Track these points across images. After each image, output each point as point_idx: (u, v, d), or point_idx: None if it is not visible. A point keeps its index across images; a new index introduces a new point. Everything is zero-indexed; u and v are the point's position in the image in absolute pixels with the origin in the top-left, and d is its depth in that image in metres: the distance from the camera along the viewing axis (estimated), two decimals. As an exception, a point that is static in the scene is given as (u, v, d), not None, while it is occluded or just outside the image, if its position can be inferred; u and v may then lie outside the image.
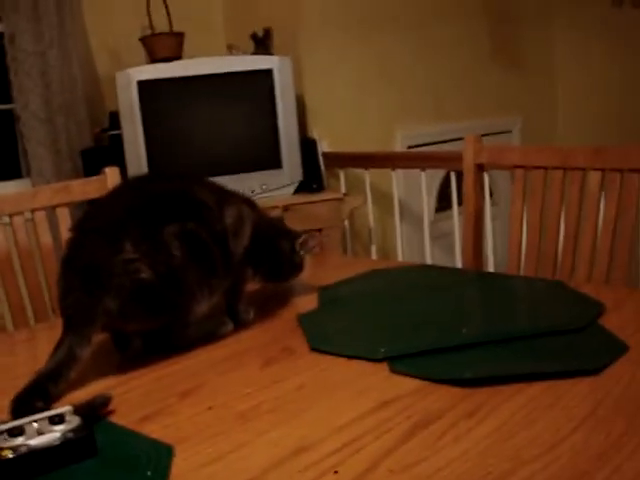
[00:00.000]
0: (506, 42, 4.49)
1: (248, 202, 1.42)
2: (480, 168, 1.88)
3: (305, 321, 1.34)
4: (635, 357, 1.09)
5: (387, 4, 3.76)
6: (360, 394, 1.03)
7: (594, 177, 1.69)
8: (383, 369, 1.11)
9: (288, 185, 3.05)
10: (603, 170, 1.68)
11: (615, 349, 1.11)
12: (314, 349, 1.21)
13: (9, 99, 3.17)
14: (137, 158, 2.88)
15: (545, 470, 0.80)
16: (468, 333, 1.22)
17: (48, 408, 1.00)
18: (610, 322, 1.23)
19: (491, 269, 2.99)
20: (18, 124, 3.15)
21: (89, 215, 1.29)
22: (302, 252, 1.46)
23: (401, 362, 1.11)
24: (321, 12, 3.50)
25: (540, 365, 1.08)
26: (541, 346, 1.16)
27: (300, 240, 1.47)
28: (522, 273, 1.80)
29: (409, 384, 1.05)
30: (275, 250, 1.43)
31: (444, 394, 1.01)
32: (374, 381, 1.08)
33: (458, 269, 1.87)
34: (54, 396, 1.09)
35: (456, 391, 1.01)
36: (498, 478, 0.79)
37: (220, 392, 1.08)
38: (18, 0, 3.00)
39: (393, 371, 1.09)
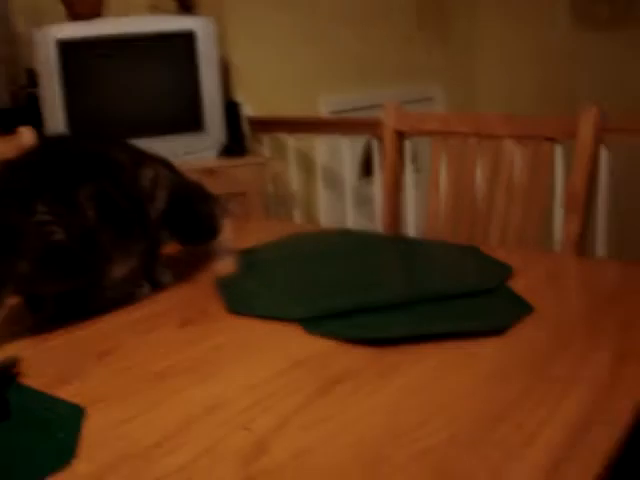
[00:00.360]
0: (432, 13, 4.52)
1: (166, 164, 1.41)
2: (400, 135, 1.91)
3: (223, 284, 1.35)
4: (539, 318, 1.13)
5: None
6: (274, 354, 1.05)
7: (508, 144, 1.74)
8: (298, 330, 1.13)
9: (211, 148, 3.03)
10: (517, 137, 1.73)
11: (521, 310, 1.15)
12: (231, 311, 1.23)
13: None
14: (55, 119, 2.81)
15: (450, 424, 0.83)
16: (384, 295, 1.25)
17: None
18: (518, 284, 1.28)
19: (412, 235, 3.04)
20: None
21: (1, 176, 1.26)
22: (221, 217, 1.47)
23: (315, 323, 1.14)
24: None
25: (452, 325, 1.11)
26: (454, 308, 1.19)
27: (221, 205, 1.47)
28: (440, 238, 1.84)
29: (322, 344, 1.07)
30: (193, 213, 1.43)
31: (356, 354, 1.03)
32: (288, 342, 1.10)
33: (377, 234, 1.90)
34: None
35: (370, 351, 1.04)
36: (406, 432, 0.82)
37: (136, 353, 1.09)
38: None
39: (307, 331, 1.11)
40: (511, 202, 1.73)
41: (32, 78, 2.97)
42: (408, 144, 1.96)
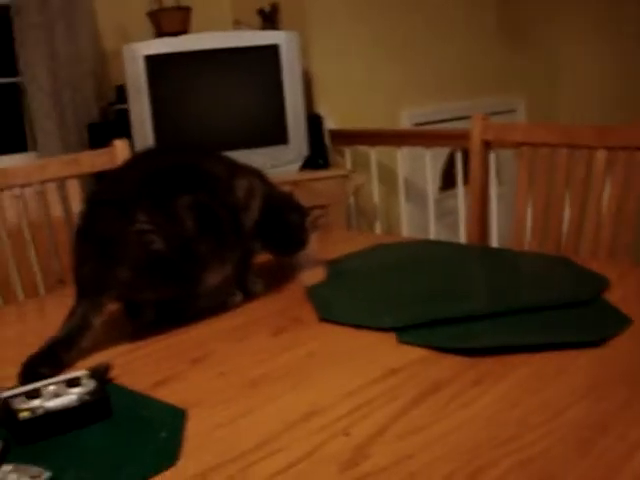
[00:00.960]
0: (511, 21, 4.47)
1: (259, 175, 1.43)
2: (487, 145, 1.89)
3: (313, 293, 1.36)
4: (638, 330, 1.11)
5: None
6: (368, 362, 1.05)
7: (600, 155, 1.70)
8: (390, 339, 1.13)
9: (294, 161, 3.06)
10: (608, 148, 1.70)
11: (618, 322, 1.12)
12: (322, 319, 1.24)
13: (15, 72, 3.18)
14: (143, 133, 2.89)
15: (550, 435, 0.82)
16: (474, 305, 1.24)
17: (54, 374, 1.03)
18: (614, 296, 1.25)
19: (495, 245, 3.00)
20: (24, 97, 3.16)
21: (103, 187, 1.31)
22: (310, 229, 1.48)
23: (408, 332, 1.13)
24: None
25: (545, 336, 1.09)
26: (546, 319, 1.17)
27: (310, 218, 1.48)
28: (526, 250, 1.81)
29: (416, 353, 1.07)
30: (284, 224, 1.45)
31: (450, 363, 1.03)
32: (382, 350, 1.10)
33: (464, 244, 1.89)
34: (65, 362, 1.11)
35: (462, 360, 1.03)
36: (504, 442, 0.81)
37: (231, 359, 1.11)
38: (25, -28, 3.00)
39: (400, 341, 1.11)
40: (603, 213, 1.70)
41: (121, 94, 3.06)
42: (492, 156, 1.94)
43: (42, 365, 1.07)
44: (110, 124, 3.15)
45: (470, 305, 1.24)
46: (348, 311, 1.26)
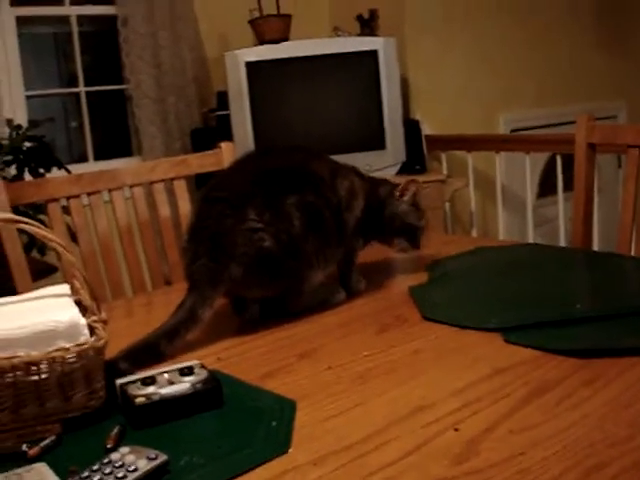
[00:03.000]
0: (611, 26, 4.37)
1: (358, 174, 1.45)
2: (592, 148, 1.85)
3: (416, 292, 1.37)
4: None
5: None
6: (475, 361, 1.05)
7: None
8: (496, 339, 1.12)
9: (391, 166, 3.07)
10: None
11: None
12: (426, 318, 1.24)
13: (120, 80, 3.30)
14: (244, 138, 2.95)
15: (666, 437, 0.80)
16: (582, 308, 1.22)
17: (134, 371, 1.06)
18: None
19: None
20: (129, 104, 3.28)
21: (214, 186, 1.35)
22: (405, 199, 1.46)
23: (514, 333, 1.12)
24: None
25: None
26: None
27: (399, 188, 1.47)
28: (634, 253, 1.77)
29: (523, 354, 1.06)
30: (384, 218, 1.45)
31: (559, 364, 1.02)
32: (488, 350, 1.09)
33: (567, 248, 1.85)
34: (167, 353, 1.15)
35: (572, 361, 1.02)
36: (616, 443, 0.80)
37: (337, 354, 1.12)
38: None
39: (507, 341, 1.10)
40: None
41: (222, 100, 3.14)
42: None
43: (127, 359, 1.10)
44: (212, 130, 3.23)
45: (578, 309, 1.22)
46: (452, 311, 1.25)
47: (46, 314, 1.00)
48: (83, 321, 1.00)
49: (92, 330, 1.02)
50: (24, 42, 3.20)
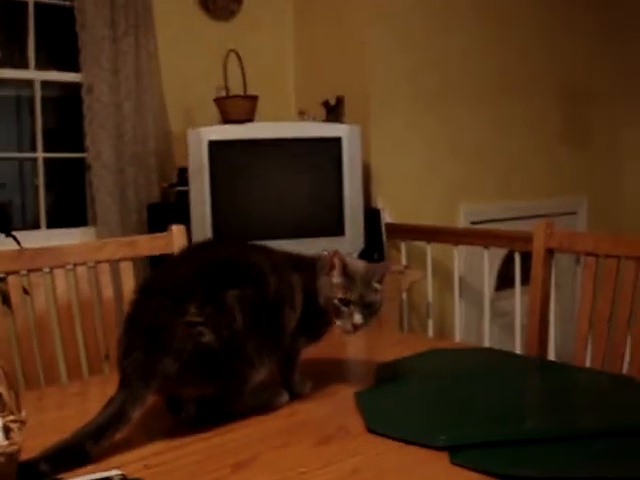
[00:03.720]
0: (576, 121, 4.45)
1: (298, 263, 1.38)
2: (550, 253, 1.83)
3: (362, 399, 1.30)
4: None
5: (457, 80, 3.78)
6: (418, 485, 0.98)
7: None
8: (442, 459, 1.06)
9: (349, 253, 3.03)
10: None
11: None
12: (370, 430, 1.17)
13: (81, 148, 3.25)
14: (202, 216, 2.90)
15: None
16: (533, 426, 1.17)
17: (55, 473, 0.99)
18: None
19: (551, 354, 2.90)
20: (88, 173, 3.22)
21: (154, 277, 1.29)
22: (334, 273, 1.34)
23: (461, 453, 1.06)
24: (391, 83, 3.53)
25: (608, 469, 1.01)
26: (610, 446, 1.09)
27: (326, 264, 1.36)
28: (589, 366, 1.73)
29: (470, 478, 1.00)
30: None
31: (508, 494, 0.95)
32: (432, 471, 1.03)
33: (522, 356, 1.81)
34: (92, 455, 1.06)
35: (521, 491, 0.96)
36: None
37: (273, 468, 1.05)
38: (99, 52, 3.09)
39: (453, 462, 1.04)
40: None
41: (182, 176, 3.10)
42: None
43: (48, 461, 1.02)
44: (170, 205, 3.17)
45: (528, 426, 1.17)
46: (398, 423, 1.19)
47: (-44, 413, 0.92)
48: (-3, 423, 0.92)
49: (8, 431, 0.94)
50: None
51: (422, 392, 1.37)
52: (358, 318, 1.30)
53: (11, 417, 0.96)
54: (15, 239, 2.55)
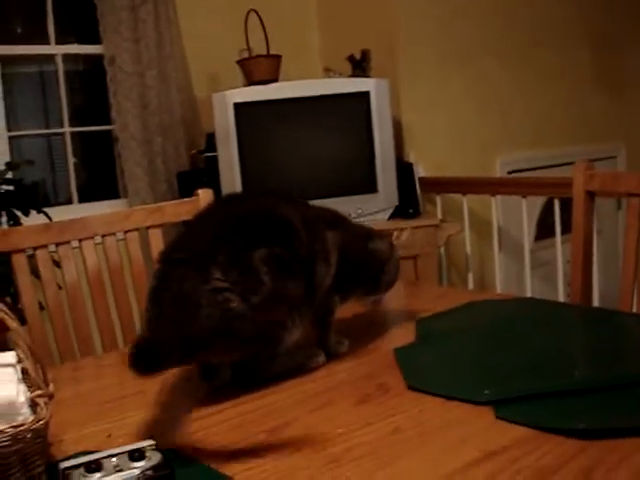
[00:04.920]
0: (608, 68, 4.32)
1: (333, 220, 1.34)
2: (591, 196, 1.76)
3: (402, 356, 1.26)
4: None
5: (487, 31, 3.67)
6: (462, 442, 0.94)
7: None
8: (487, 413, 1.01)
9: (384, 210, 2.98)
10: None
11: None
12: (410, 387, 1.13)
13: (108, 121, 3.22)
14: (232, 180, 2.86)
15: None
16: (581, 376, 1.12)
17: None
18: None
19: (595, 301, 2.83)
20: (116, 145, 3.19)
21: (176, 244, 1.24)
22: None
23: (507, 407, 1.01)
24: (420, 35, 3.44)
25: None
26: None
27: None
28: (635, 309, 1.66)
29: (516, 432, 0.95)
30: (363, 268, 1.36)
31: (555, 447, 0.90)
32: (477, 427, 0.98)
33: (565, 304, 1.75)
34: None
35: (569, 443, 0.91)
36: None
37: (310, 431, 1.01)
38: (118, 22, 3.05)
39: (498, 417, 0.99)
40: None
41: (211, 142, 3.05)
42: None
43: None
44: (200, 172, 3.14)
45: (575, 377, 1.12)
46: (438, 380, 1.15)
47: (-19, 389, 0.89)
48: (22, 398, 0.90)
49: (35, 406, 0.91)
50: (8, 82, 3.13)
51: (463, 346, 1.32)
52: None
53: (38, 392, 0.94)
54: (46, 214, 2.54)
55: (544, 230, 3.72)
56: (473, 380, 1.13)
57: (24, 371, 1.02)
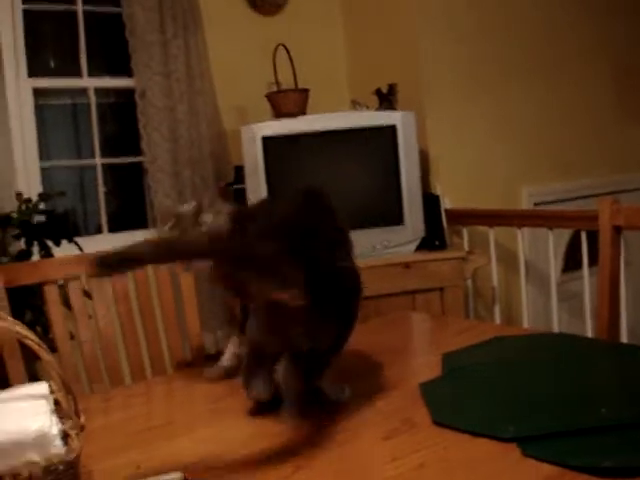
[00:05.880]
0: (632, 98, 4.31)
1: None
2: (617, 230, 1.76)
3: (427, 391, 1.27)
4: None
5: (511, 62, 3.69)
6: (487, 479, 0.94)
7: None
8: (512, 451, 1.01)
9: (410, 242, 2.98)
10: None
11: None
12: (436, 422, 1.13)
13: (139, 152, 3.27)
14: (259, 212, 2.88)
15: None
16: (608, 413, 1.11)
17: None
18: None
19: (624, 336, 2.80)
20: (146, 176, 3.24)
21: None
22: None
23: (533, 444, 1.02)
24: (445, 68, 3.46)
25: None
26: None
27: None
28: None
29: (543, 470, 0.95)
30: None
31: (583, 485, 0.91)
32: (503, 465, 0.98)
33: (592, 339, 1.75)
34: None
35: (597, 481, 0.91)
36: None
37: (337, 467, 1.02)
38: (149, 57, 3.11)
39: (525, 454, 0.99)
40: None
41: (239, 174, 3.09)
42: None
43: None
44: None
45: (603, 414, 1.11)
46: (465, 415, 1.15)
47: (15, 420, 0.91)
48: (55, 430, 0.92)
49: (66, 437, 0.93)
50: (42, 113, 3.20)
51: (489, 382, 1.32)
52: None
53: (69, 423, 0.96)
54: (77, 244, 2.58)
55: (572, 262, 3.69)
56: (498, 416, 1.13)
57: (56, 402, 1.04)
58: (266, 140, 2.91)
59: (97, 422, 1.31)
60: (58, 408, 1.03)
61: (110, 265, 1.02)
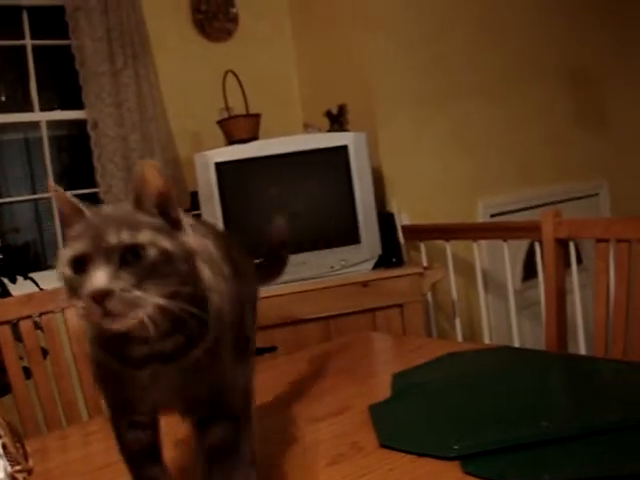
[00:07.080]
0: (589, 104, 4.39)
1: None
2: (560, 242, 1.80)
3: (376, 413, 1.29)
4: None
5: (462, 74, 3.74)
6: (430, 500, 0.97)
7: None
8: (455, 469, 1.04)
9: (367, 260, 3.01)
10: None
11: None
12: (384, 445, 1.16)
13: (93, 183, 3.27)
14: (216, 238, 2.89)
15: None
16: (548, 427, 1.14)
17: None
18: None
19: (581, 342, 2.85)
20: (103, 207, 3.23)
21: None
22: None
23: (474, 461, 1.04)
24: (395, 85, 3.51)
25: (630, 465, 0.98)
26: (631, 441, 1.06)
27: None
28: (610, 354, 1.69)
29: (484, 487, 0.98)
30: None
31: (522, 499, 0.93)
32: (445, 484, 1.01)
33: (539, 351, 1.78)
34: None
35: (536, 495, 0.93)
36: None
37: (283, 495, 1.04)
38: (100, 88, 3.11)
39: (465, 472, 1.02)
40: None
41: (195, 200, 3.10)
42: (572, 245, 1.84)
43: None
44: (184, 230, 3.17)
45: (543, 428, 1.14)
46: (410, 436, 1.17)
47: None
48: (1, 474, 0.92)
49: (13, 482, 0.94)
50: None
51: (436, 400, 1.35)
52: None
53: (17, 467, 0.96)
54: (33, 281, 2.57)
55: (531, 270, 3.74)
56: (444, 435, 1.16)
57: (4, 446, 1.05)
58: (219, 166, 2.92)
59: (55, 461, 1.31)
60: (6, 452, 1.03)
61: None
